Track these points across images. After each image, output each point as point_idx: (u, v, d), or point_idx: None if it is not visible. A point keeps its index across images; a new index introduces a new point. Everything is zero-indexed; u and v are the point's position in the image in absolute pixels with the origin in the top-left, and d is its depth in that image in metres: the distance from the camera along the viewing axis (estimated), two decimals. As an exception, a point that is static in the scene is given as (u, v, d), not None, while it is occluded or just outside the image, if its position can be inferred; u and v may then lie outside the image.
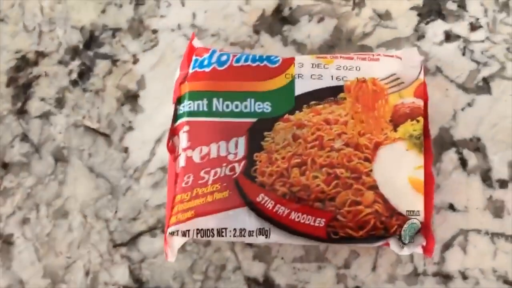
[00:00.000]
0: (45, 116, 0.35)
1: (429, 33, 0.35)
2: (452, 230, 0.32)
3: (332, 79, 0.30)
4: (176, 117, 0.30)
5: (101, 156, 0.34)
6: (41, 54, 0.36)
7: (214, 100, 0.30)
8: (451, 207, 0.32)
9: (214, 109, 0.30)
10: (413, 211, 0.29)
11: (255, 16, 0.36)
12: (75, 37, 0.36)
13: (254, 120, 0.29)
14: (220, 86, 0.30)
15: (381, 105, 0.30)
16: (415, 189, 0.29)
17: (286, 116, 0.30)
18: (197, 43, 0.32)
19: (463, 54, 0.35)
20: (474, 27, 0.35)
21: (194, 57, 0.31)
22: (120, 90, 0.35)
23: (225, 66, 0.30)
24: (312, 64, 0.30)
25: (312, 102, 0.30)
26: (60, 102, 0.35)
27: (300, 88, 0.30)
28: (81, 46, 0.36)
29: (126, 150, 0.34)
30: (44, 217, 0.34)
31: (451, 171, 0.33)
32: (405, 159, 0.29)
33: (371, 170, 0.29)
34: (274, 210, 0.28)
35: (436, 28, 0.35)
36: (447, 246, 0.32)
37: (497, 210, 0.32)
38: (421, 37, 0.35)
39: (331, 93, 0.30)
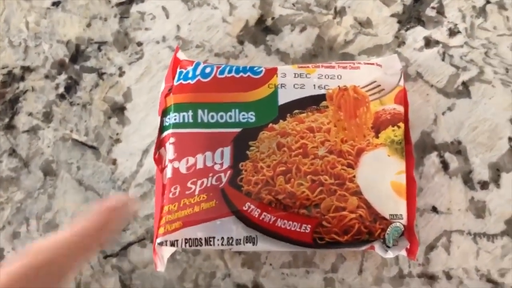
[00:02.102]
0: (33, 130, 0.35)
1: (409, 40, 0.36)
2: (435, 231, 0.33)
3: (315, 88, 0.31)
4: (162, 129, 0.31)
5: (90, 169, 0.34)
6: (27, 69, 0.36)
7: (199, 112, 0.30)
8: (434, 209, 0.33)
9: (199, 120, 0.30)
10: (396, 215, 0.29)
11: (239, 26, 0.36)
12: (61, 51, 0.36)
13: (239, 130, 0.30)
14: (205, 97, 0.30)
15: (363, 112, 0.31)
16: (398, 193, 0.30)
17: (270, 125, 0.30)
18: (181, 55, 0.33)
19: (443, 59, 0.35)
20: (452, 32, 0.36)
21: (178, 70, 0.31)
22: (106, 103, 0.35)
23: (209, 78, 0.31)
24: (295, 74, 0.31)
25: (296, 111, 0.30)
26: (47, 117, 0.35)
27: (283, 97, 0.31)
28: (67, 60, 0.36)
29: (114, 162, 0.35)
30: (35, 230, 0.34)
31: (434, 174, 0.34)
32: (387, 165, 0.30)
33: (354, 176, 0.30)
34: (261, 218, 0.29)
35: (416, 35, 0.36)
36: (431, 247, 0.33)
37: (479, 210, 0.33)
38: (401, 43, 0.36)
39: (314, 102, 0.31)
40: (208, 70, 0.31)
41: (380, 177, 0.30)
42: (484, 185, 0.33)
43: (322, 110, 0.30)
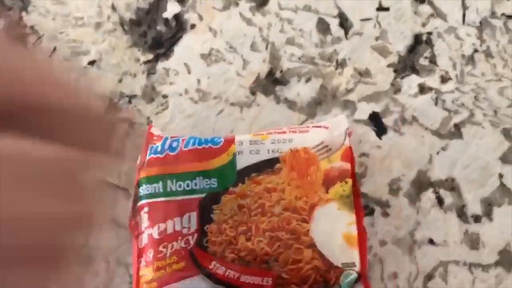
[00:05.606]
0: (72, 174, 0.40)
1: (405, 87, 0.40)
2: (433, 262, 0.36)
3: (269, 152, 0.35)
4: (137, 199, 0.35)
5: (121, 208, 0.39)
6: (68, 121, 0.41)
7: (168, 182, 0.34)
8: (431, 241, 0.36)
9: (168, 189, 0.34)
10: (348, 263, 0.32)
11: (251, 79, 0.41)
12: (96, 104, 0.41)
13: (203, 195, 0.34)
14: (172, 169, 0.34)
15: (314, 171, 0.34)
16: (349, 243, 0.33)
17: (231, 189, 0.34)
18: (155, 130, 0.37)
19: (436, 104, 0.39)
20: (444, 79, 0.40)
21: (150, 145, 0.36)
22: (136, 149, 0.40)
23: (176, 151, 0.35)
24: (250, 141, 0.35)
25: (253, 174, 0.34)
26: (85, 162, 0.40)
27: (241, 163, 0.34)
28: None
29: (143, 201, 0.39)
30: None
31: (430, 209, 0.37)
32: (337, 217, 0.33)
33: (308, 230, 0.33)
34: (226, 274, 0.32)
35: (411, 82, 0.40)
36: (429, 277, 0.36)
37: (473, 242, 0.36)
38: (397, 90, 0.40)
39: (269, 165, 0.34)
40: (174, 144, 0.35)
41: (332, 229, 0.33)
42: (477, 218, 0.37)
43: (276, 172, 0.34)
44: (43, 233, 0.13)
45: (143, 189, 0.34)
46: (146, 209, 0.34)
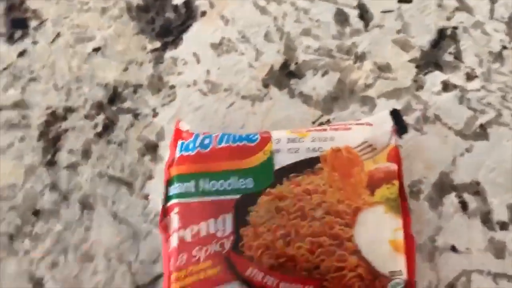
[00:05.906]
0: (72, 166, 0.38)
1: (428, 84, 0.37)
2: (455, 271, 0.34)
3: (308, 151, 0.32)
4: (166, 198, 0.32)
5: (124, 203, 0.37)
6: (69, 110, 0.39)
7: (201, 181, 0.32)
8: (453, 248, 0.34)
9: (201, 189, 0.32)
10: (395, 271, 0.30)
11: (264, 71, 0.39)
12: (100, 93, 0.39)
13: (238, 196, 0.31)
14: (205, 167, 0.32)
15: (357, 172, 0.32)
16: (396, 250, 0.30)
17: (268, 190, 0.31)
18: (183, 126, 0.35)
19: (460, 102, 0.37)
20: (470, 76, 0.37)
21: (180, 142, 0.33)
22: (141, 142, 0.38)
23: (209, 148, 0.33)
24: (288, 139, 0.33)
25: (291, 175, 0.32)
26: (86, 154, 0.38)
27: (279, 162, 0.32)
28: (105, 102, 0.39)
29: (146, 197, 0.37)
30: (72, 260, 0.36)
31: (452, 214, 0.35)
32: (384, 222, 0.31)
33: (352, 235, 0.30)
34: (264, 281, 0.30)
35: (434, 79, 0.37)
36: (450, 286, 0.33)
37: (498, 251, 0.34)
38: (420, 87, 0.37)
39: (309, 165, 0.32)
40: (207, 141, 0.33)
41: (377, 235, 0.31)
42: (503, 225, 0.34)
43: (317, 172, 0.32)
44: None
45: (174, 188, 0.32)
46: (176, 209, 0.32)
